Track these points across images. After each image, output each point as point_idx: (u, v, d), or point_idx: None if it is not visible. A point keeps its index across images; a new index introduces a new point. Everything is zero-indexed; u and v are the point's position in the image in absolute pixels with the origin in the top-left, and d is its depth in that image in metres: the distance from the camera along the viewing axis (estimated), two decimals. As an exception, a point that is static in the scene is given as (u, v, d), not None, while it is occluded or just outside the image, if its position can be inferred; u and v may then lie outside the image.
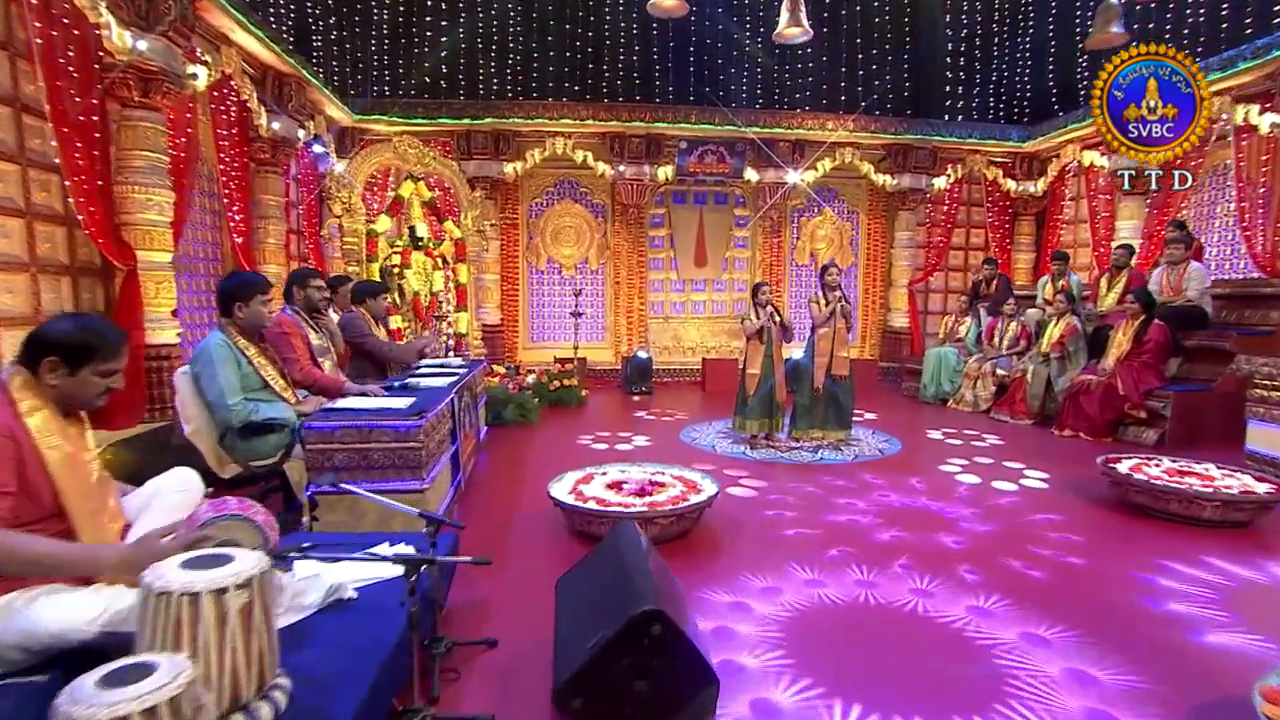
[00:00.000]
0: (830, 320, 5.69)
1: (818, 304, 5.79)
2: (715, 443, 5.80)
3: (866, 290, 9.99)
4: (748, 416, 5.71)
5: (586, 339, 9.52)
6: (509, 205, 9.22)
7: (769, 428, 5.70)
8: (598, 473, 4.05)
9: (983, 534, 3.63)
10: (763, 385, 5.64)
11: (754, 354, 5.71)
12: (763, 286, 5.71)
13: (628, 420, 6.82)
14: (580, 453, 5.40)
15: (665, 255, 9.68)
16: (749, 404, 5.70)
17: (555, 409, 7.27)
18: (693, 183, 9.44)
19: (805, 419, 5.78)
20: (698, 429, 6.36)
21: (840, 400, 5.75)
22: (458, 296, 8.10)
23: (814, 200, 9.72)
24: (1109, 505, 4.09)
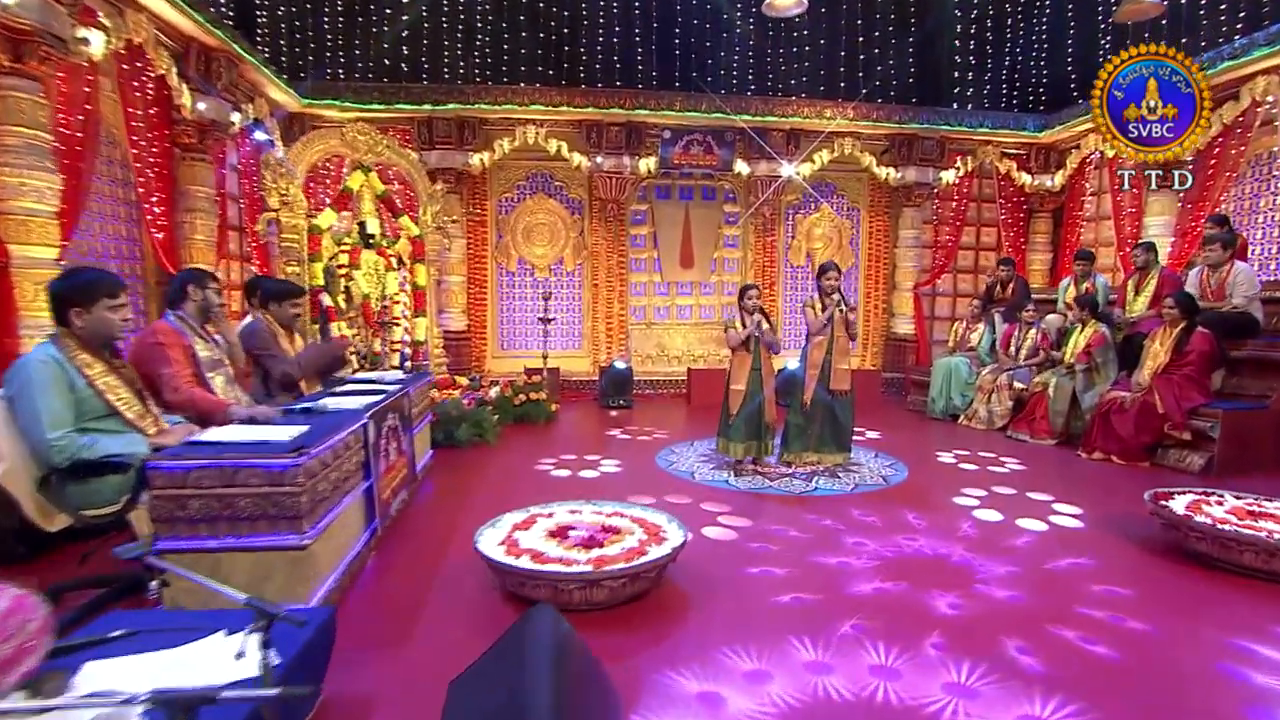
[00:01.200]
0: (827, 327, 5.08)
1: (813, 309, 5.19)
2: (695, 468, 5.20)
3: (868, 294, 9.47)
4: (732, 438, 5.10)
5: (560, 347, 8.96)
6: (476, 200, 8.63)
7: (756, 451, 5.11)
8: (542, 514, 3.43)
9: (1018, 592, 3.02)
10: (749, 402, 5.04)
11: (739, 367, 5.12)
12: (751, 290, 5.11)
13: (599, 440, 6.24)
14: (537, 481, 4.80)
15: (648, 255, 9.12)
16: (733, 424, 5.09)
17: (520, 426, 6.70)
18: (678, 176, 8.90)
19: (798, 440, 5.20)
20: (677, 450, 5.76)
21: (839, 419, 5.16)
22: (415, 300, 7.47)
23: (810, 196, 9.20)
24: (1160, 552, 3.49)
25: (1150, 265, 5.96)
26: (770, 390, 5.15)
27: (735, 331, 5.08)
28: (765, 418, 5.07)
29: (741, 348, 5.07)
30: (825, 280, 5.10)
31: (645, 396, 8.51)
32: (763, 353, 5.10)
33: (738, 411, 5.07)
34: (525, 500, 3.72)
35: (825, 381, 5.14)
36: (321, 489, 2.74)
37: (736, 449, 5.09)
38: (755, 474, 5.01)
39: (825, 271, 5.13)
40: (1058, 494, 4.51)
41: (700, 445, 5.90)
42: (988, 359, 7.15)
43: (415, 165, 7.31)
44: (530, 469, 5.12)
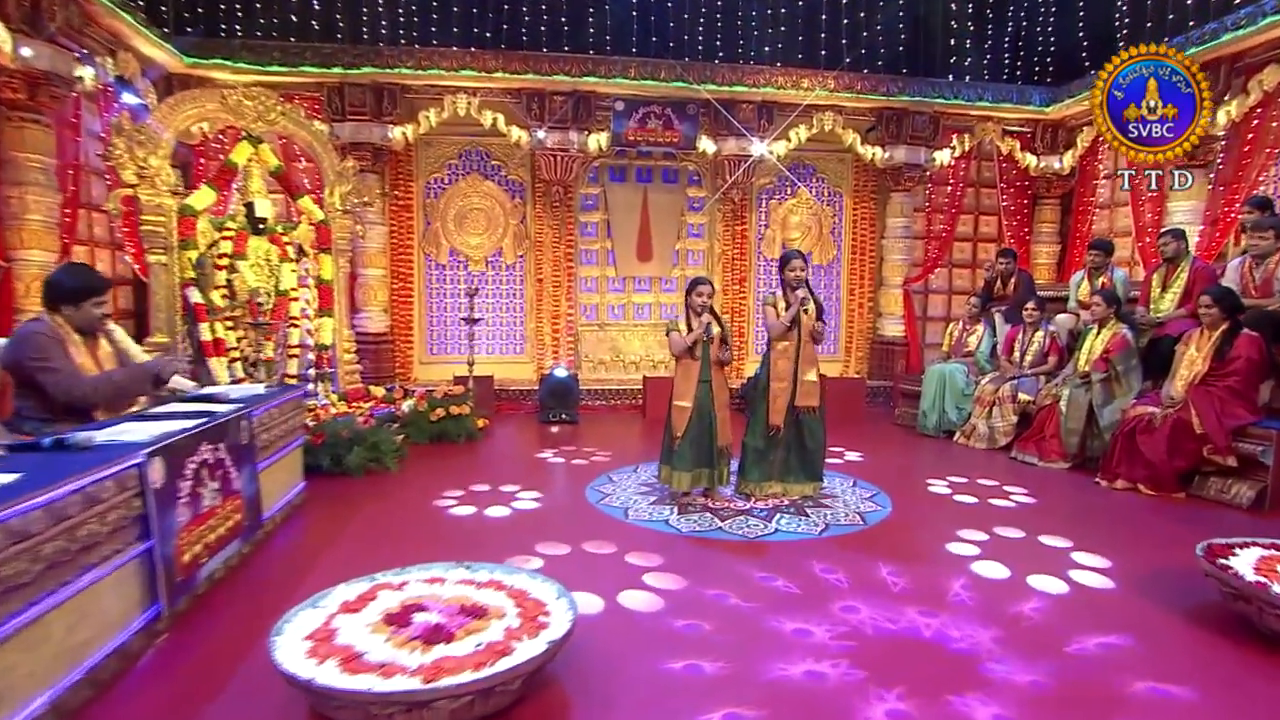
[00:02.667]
0: (792, 331, 4.32)
1: (774, 307, 4.45)
2: (632, 502, 4.45)
3: (852, 291, 8.82)
4: (676, 466, 4.36)
5: (498, 352, 8.21)
6: (400, 181, 7.84)
7: (708, 481, 4.40)
8: (390, 585, 2.64)
9: (1036, 694, 2.26)
10: (697, 422, 4.31)
11: (684, 378, 4.39)
12: (700, 285, 4.36)
13: (527, 464, 5.51)
14: (430, 523, 4.05)
15: (600, 246, 8.40)
16: (678, 448, 4.35)
17: (436, 447, 5.96)
18: (634, 155, 8.19)
19: (758, 468, 4.49)
20: (617, 478, 5.02)
21: (806, 442, 4.46)
22: (320, 297, 6.63)
23: (786, 179, 8.53)
24: (1220, 627, 2.77)
25: (1180, 256, 5.28)
26: (724, 406, 4.40)
27: (679, 335, 4.35)
28: (717, 440, 4.35)
29: (687, 355, 4.33)
30: (789, 272, 4.41)
31: (595, 410, 7.74)
32: (712, 358, 4.37)
33: (683, 433, 4.33)
34: (403, 552, 3.27)
35: (792, 397, 4.37)
36: (13, 574, 1.92)
37: (682, 479, 4.35)
38: (705, 510, 4.25)
39: (789, 261, 4.44)
40: (1076, 538, 3.79)
41: (646, 470, 5.14)
42: (987, 366, 6.51)
43: (319, 137, 6.50)
44: (427, 506, 4.34)
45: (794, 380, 4.41)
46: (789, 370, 4.41)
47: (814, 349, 4.46)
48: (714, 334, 4.29)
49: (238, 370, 5.88)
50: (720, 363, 4.38)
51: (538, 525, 4.00)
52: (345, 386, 6.75)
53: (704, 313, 4.33)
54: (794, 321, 4.38)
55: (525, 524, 4.04)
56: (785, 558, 3.50)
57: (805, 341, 4.40)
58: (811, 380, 4.43)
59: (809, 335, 4.39)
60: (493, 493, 4.62)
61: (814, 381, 4.44)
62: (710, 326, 4.28)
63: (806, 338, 4.40)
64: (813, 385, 4.42)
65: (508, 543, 3.66)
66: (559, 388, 7.02)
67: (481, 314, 7.45)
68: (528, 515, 4.21)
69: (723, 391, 4.43)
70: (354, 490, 4.63)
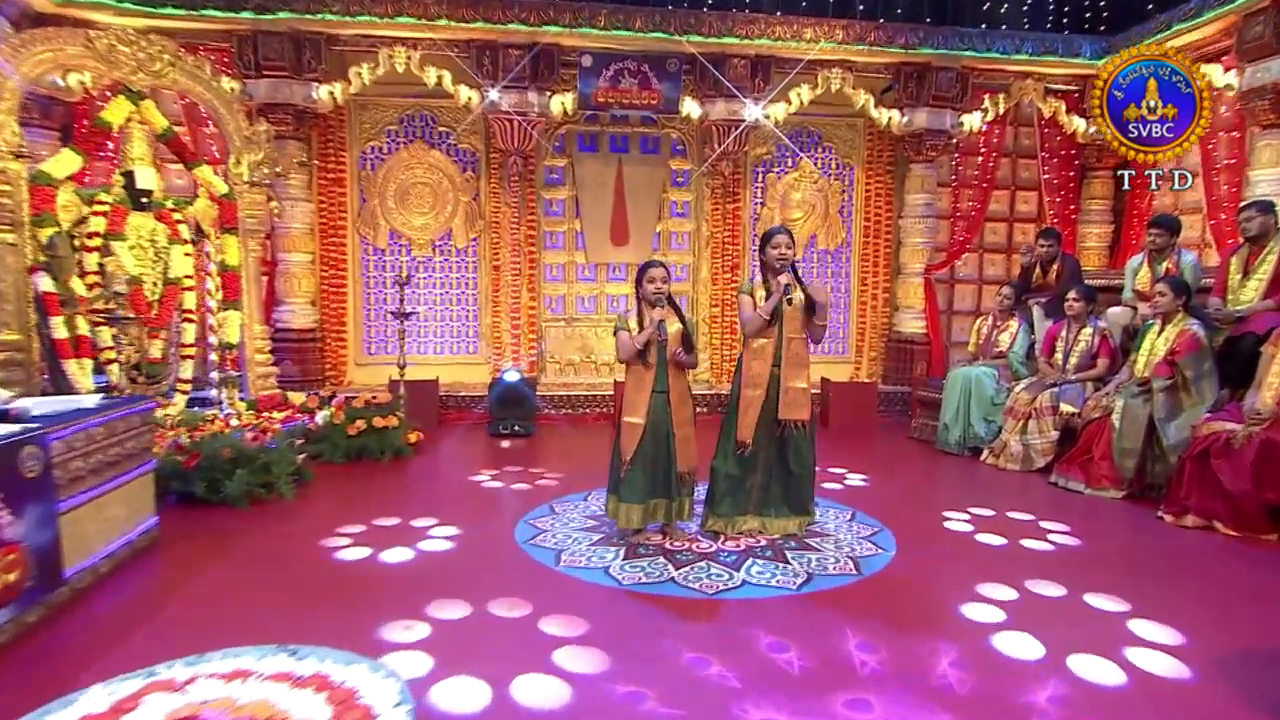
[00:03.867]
0: (773, 326, 3.79)
1: (751, 296, 3.91)
2: (571, 542, 3.90)
3: (864, 280, 8.27)
4: (625, 498, 3.81)
5: (449, 351, 7.73)
6: (329, 150, 7.31)
7: (664, 515, 3.83)
8: (172, 683, 2.06)
9: None
10: (651, 443, 3.74)
11: (636, 388, 3.86)
12: (652, 269, 3.80)
13: (455, 490, 4.99)
14: (307, 571, 3.49)
15: (567, 228, 7.88)
16: (627, 475, 3.79)
17: (355, 467, 5.44)
18: (607, 121, 7.66)
19: (730, 498, 3.94)
20: (562, 508, 4.49)
21: (791, 465, 3.90)
22: (224, 286, 6.08)
23: (786, 149, 7.98)
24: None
25: (1268, 234, 4.65)
26: (686, 423, 3.86)
27: (629, 333, 3.76)
28: (676, 465, 3.80)
29: (638, 359, 3.74)
30: (772, 250, 3.83)
31: (557, 420, 7.17)
32: (671, 366, 3.78)
33: (634, 456, 3.76)
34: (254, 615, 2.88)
35: (772, 409, 3.82)
36: None
37: (631, 514, 3.80)
38: (660, 552, 3.67)
39: (771, 238, 3.86)
40: (1135, 597, 3.18)
41: (598, 498, 4.56)
42: (1023, 369, 5.95)
43: (220, 94, 5.94)
44: (311, 547, 3.77)
45: (775, 387, 3.81)
46: (765, 375, 3.84)
47: (804, 349, 3.87)
48: (669, 332, 3.70)
49: (114, 374, 5.33)
50: (683, 366, 3.84)
51: (442, 575, 3.45)
52: (257, 393, 6.21)
53: (659, 305, 3.73)
54: (775, 315, 3.76)
55: (427, 573, 3.49)
56: (741, 626, 2.90)
57: (792, 337, 3.82)
58: (799, 388, 3.83)
59: (798, 327, 3.79)
60: (400, 529, 4.06)
61: (802, 389, 3.84)
62: (665, 323, 3.68)
63: (794, 332, 3.81)
64: (800, 394, 3.83)
65: (395, 600, 3.11)
66: (510, 394, 6.43)
67: (414, 307, 6.87)
68: (434, 560, 3.65)
69: (685, 404, 3.86)
70: (228, 525, 4.08)
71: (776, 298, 3.74)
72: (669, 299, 3.82)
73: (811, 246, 8.10)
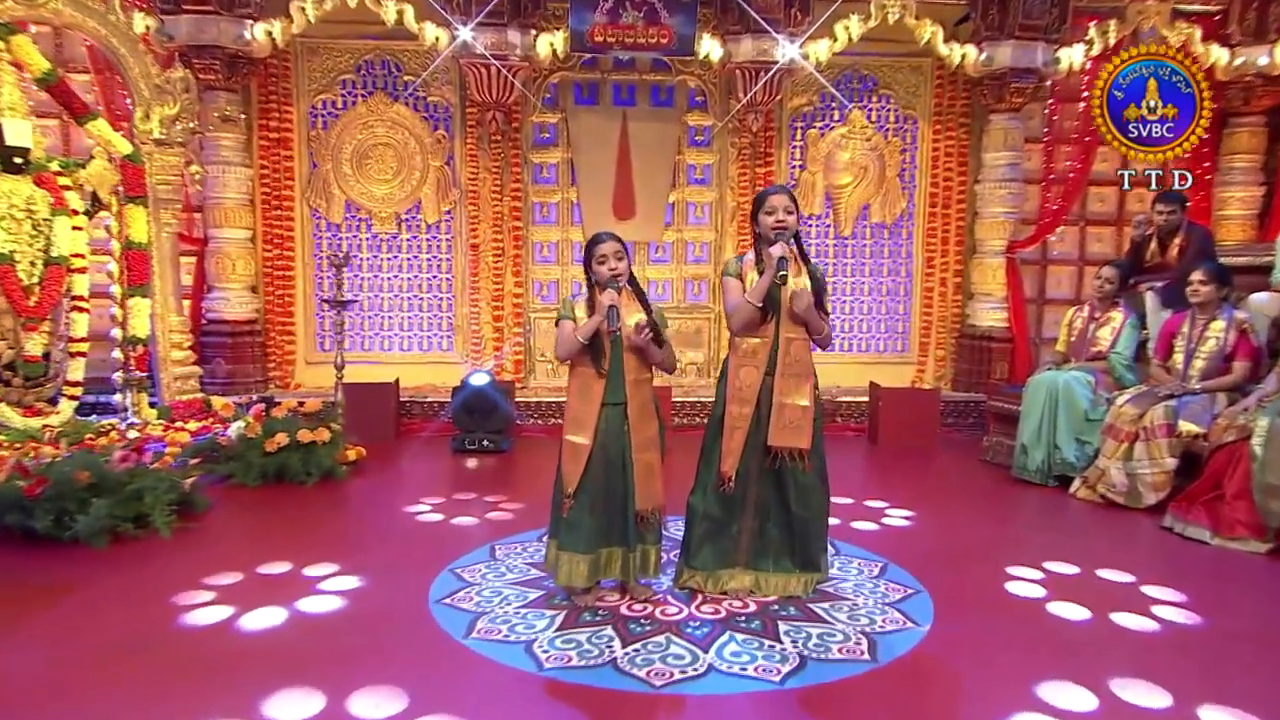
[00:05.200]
0: (769, 320, 3.31)
1: (741, 279, 3.40)
2: (494, 602, 3.40)
3: (930, 261, 7.80)
4: (567, 544, 3.31)
5: (415, 347, 7.52)
6: (272, 105, 7.09)
7: (620, 569, 3.34)
8: None
9: None
10: (602, 471, 3.26)
11: (583, 398, 3.36)
12: (602, 243, 3.29)
13: (380, 523, 4.60)
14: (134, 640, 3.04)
15: (561, 198, 7.60)
16: (571, 515, 3.29)
17: (272, 491, 5.08)
18: (609, 66, 7.29)
19: (713, 545, 3.46)
20: (508, 549, 4.04)
21: (793, 505, 3.38)
22: (130, 268, 5.74)
23: (831, 99, 7.47)
24: None
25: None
26: (650, 445, 3.35)
27: (572, 323, 3.30)
28: (635, 502, 3.29)
29: (585, 361, 3.26)
30: (766, 219, 3.33)
31: (540, 433, 6.77)
32: (629, 365, 3.30)
33: (578, 489, 3.28)
34: None
35: (764, 431, 3.33)
36: None
37: (576, 567, 3.30)
38: (612, 619, 3.18)
39: (764, 202, 3.37)
40: None
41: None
42: (1128, 376, 5.35)
43: (119, 32, 5.62)
44: (159, 604, 3.33)
45: (767, 403, 3.30)
46: (755, 386, 3.34)
47: (806, 352, 3.36)
48: (623, 326, 3.16)
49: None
50: (655, 365, 3.36)
51: (309, 649, 2.97)
52: (172, 398, 5.86)
53: (610, 286, 3.19)
54: (770, 305, 3.26)
55: (289, 645, 3.02)
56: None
57: (789, 336, 3.31)
58: (798, 406, 3.29)
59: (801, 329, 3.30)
60: (285, 579, 3.63)
61: (801, 408, 3.31)
62: (615, 311, 3.11)
63: (792, 330, 3.31)
64: (798, 414, 3.31)
65: (225, 689, 2.64)
66: (476, 401, 5.98)
67: (355, 294, 6.48)
68: (308, 627, 3.19)
69: (648, 422, 3.35)
70: (69, 573, 3.68)
71: (768, 278, 3.16)
72: (631, 282, 3.32)
73: (864, 219, 7.63)
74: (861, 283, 7.62)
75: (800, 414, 3.27)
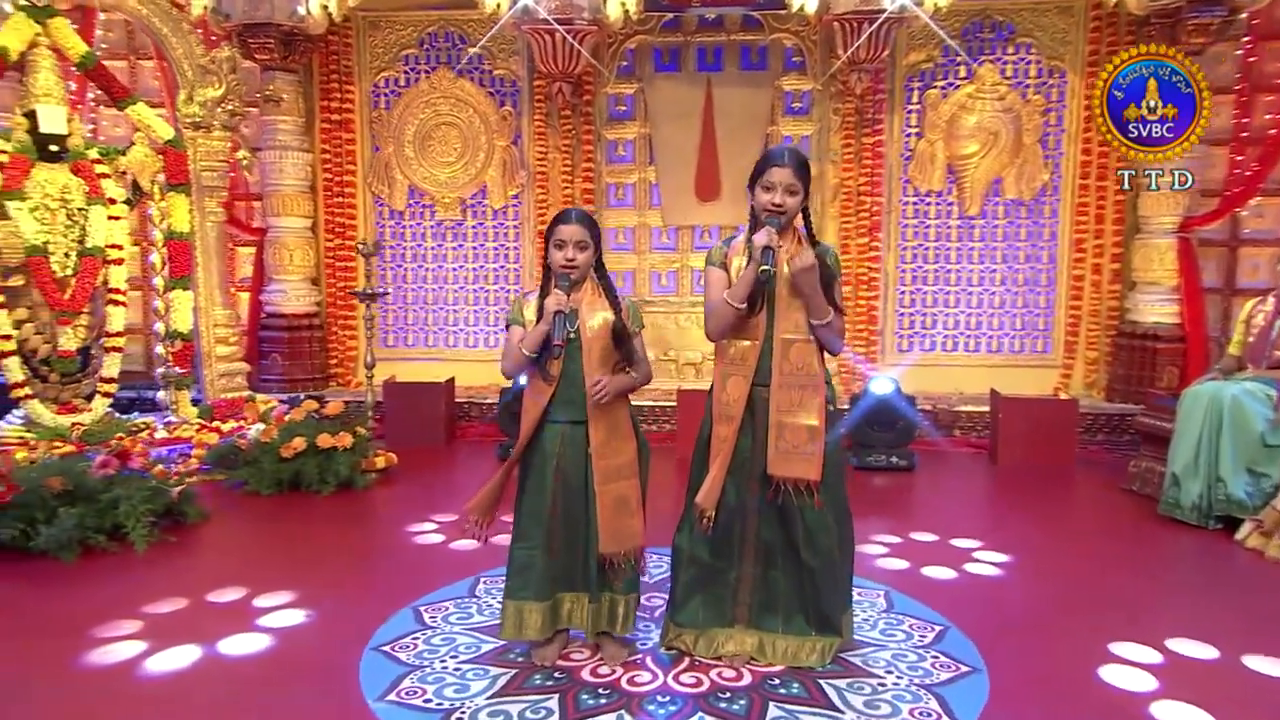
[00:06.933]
0: (757, 312, 2.74)
1: (725, 269, 2.85)
2: (445, 652, 2.98)
3: (1079, 244, 6.79)
4: (519, 591, 2.84)
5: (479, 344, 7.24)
6: (333, 85, 6.99)
7: (585, 621, 2.88)
8: None
9: None
10: (562, 504, 2.82)
11: (531, 408, 2.89)
12: (563, 225, 2.83)
13: (372, 544, 4.38)
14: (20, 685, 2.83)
15: (638, 179, 7.11)
16: (522, 553, 2.85)
17: (286, 500, 4.88)
18: (694, 27, 6.75)
19: (703, 597, 2.92)
20: (496, 581, 3.57)
21: (801, 550, 2.80)
22: (171, 259, 5.71)
23: (954, 54, 6.61)
24: None
25: None
26: (619, 475, 2.85)
27: (520, 329, 2.85)
28: (599, 542, 2.80)
29: (537, 373, 2.84)
30: (763, 195, 2.75)
31: None
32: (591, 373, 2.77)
33: (528, 517, 2.86)
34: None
35: (759, 457, 2.77)
36: None
37: (527, 616, 2.85)
38: (568, 683, 2.72)
39: (763, 174, 2.76)
40: None
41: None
42: None
43: (160, 10, 5.55)
44: (78, 635, 3.10)
45: (763, 423, 2.73)
46: (743, 399, 2.75)
47: (813, 358, 2.75)
48: (590, 327, 2.70)
49: (12, 370, 5.02)
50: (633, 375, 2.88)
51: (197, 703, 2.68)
52: (216, 395, 5.79)
53: (569, 286, 2.67)
54: (757, 297, 2.69)
55: (178, 696, 2.72)
56: None
57: (788, 335, 2.72)
58: (803, 425, 2.67)
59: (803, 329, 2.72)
60: (231, 608, 3.39)
61: (808, 428, 2.67)
62: (562, 319, 2.61)
63: (792, 329, 2.72)
64: (803, 435, 2.71)
65: None
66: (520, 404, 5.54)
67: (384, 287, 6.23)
68: (217, 672, 2.90)
69: (618, 445, 2.86)
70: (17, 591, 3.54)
71: (751, 273, 2.61)
72: (598, 270, 2.88)
73: (994, 196, 6.73)
74: (991, 271, 6.66)
75: (806, 436, 2.65)
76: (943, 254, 6.71)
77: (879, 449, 5.45)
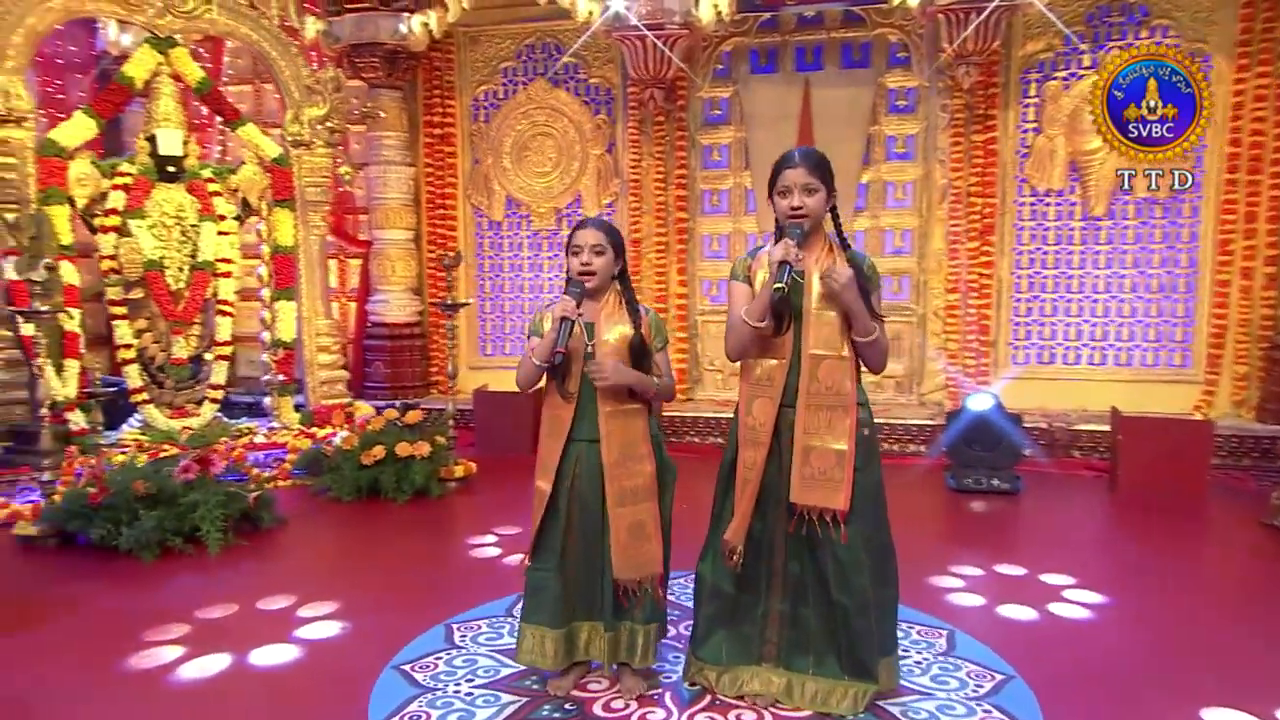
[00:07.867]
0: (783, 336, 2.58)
1: (749, 282, 2.67)
2: (461, 673, 2.93)
3: (1224, 246, 6.13)
4: (531, 614, 2.76)
5: None
6: (435, 99, 7.18)
7: (600, 649, 2.75)
8: None
9: None
10: (579, 525, 2.73)
11: (550, 432, 2.80)
12: (582, 230, 2.74)
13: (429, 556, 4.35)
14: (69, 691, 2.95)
15: (733, 184, 6.98)
16: (536, 577, 2.77)
17: (365, 507, 5.00)
18: (792, 25, 6.58)
19: (727, 631, 2.74)
20: None
21: (833, 589, 2.57)
22: (277, 272, 5.99)
23: (1074, 44, 6.15)
24: None
25: None
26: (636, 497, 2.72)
27: (539, 339, 2.74)
28: (612, 568, 2.68)
29: (556, 386, 2.74)
30: (779, 200, 2.60)
31: (694, 451, 6.12)
32: (604, 393, 2.67)
33: (541, 543, 2.76)
34: None
35: (783, 485, 2.58)
36: None
37: (540, 644, 2.76)
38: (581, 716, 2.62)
39: (779, 175, 2.60)
40: None
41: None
42: None
43: (270, 34, 5.85)
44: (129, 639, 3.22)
45: (788, 446, 2.56)
46: (770, 422, 2.57)
47: (844, 376, 2.55)
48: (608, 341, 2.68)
49: (133, 377, 5.40)
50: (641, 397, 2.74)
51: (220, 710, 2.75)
52: (318, 402, 6.03)
53: (580, 293, 2.59)
54: (782, 316, 2.53)
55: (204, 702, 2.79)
56: None
57: (820, 359, 2.53)
58: (831, 450, 2.50)
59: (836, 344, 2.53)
60: (278, 616, 3.46)
61: (836, 453, 2.50)
62: (569, 326, 2.55)
63: (820, 345, 2.53)
64: (832, 461, 2.53)
65: None
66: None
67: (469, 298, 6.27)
68: (244, 681, 2.94)
69: (634, 466, 2.71)
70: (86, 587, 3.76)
71: (767, 292, 2.45)
72: (620, 280, 2.76)
73: (1123, 194, 6.20)
74: (1120, 277, 6.07)
75: (833, 462, 2.46)
76: (1064, 258, 6.21)
77: (979, 470, 5.06)
